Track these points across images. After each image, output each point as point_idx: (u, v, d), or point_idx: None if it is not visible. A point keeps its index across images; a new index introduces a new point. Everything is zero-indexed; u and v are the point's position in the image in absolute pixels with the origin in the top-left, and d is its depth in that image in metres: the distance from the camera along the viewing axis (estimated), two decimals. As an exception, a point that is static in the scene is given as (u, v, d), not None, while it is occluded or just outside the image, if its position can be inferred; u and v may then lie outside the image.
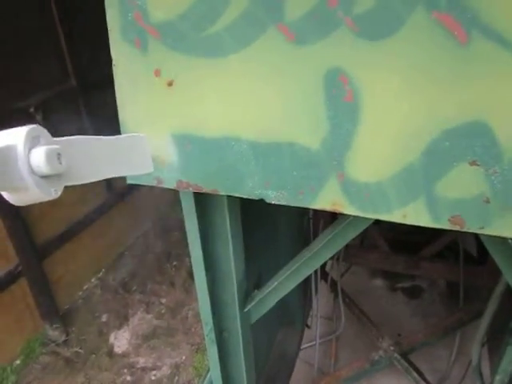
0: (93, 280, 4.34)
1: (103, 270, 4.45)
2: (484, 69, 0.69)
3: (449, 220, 0.79)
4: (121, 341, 3.77)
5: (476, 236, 3.13)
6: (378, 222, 1.08)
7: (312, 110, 0.79)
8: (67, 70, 3.69)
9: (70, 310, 4.05)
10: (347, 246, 3.02)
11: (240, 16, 0.78)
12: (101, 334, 3.85)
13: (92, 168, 0.68)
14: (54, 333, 3.75)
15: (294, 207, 0.92)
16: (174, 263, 4.55)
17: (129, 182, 1.00)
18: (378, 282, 3.85)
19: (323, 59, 0.76)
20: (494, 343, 2.32)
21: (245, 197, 0.92)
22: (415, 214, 0.80)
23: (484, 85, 0.69)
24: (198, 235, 1.21)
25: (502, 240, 1.04)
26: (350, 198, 0.83)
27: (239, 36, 0.79)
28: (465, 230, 0.79)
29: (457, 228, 0.79)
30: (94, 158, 0.69)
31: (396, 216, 0.81)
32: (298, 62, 0.77)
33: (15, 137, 0.54)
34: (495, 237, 0.80)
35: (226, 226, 1.20)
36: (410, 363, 2.47)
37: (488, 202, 0.75)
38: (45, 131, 0.58)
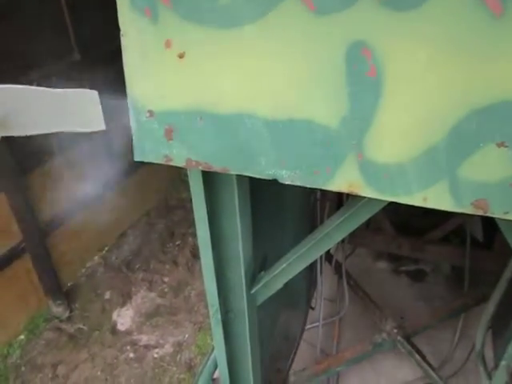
0: (96, 258, 4.35)
1: (106, 247, 4.46)
2: (519, 44, 0.64)
3: (472, 204, 0.75)
4: (124, 318, 3.80)
5: (483, 221, 3.10)
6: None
7: (332, 85, 0.75)
8: (71, 44, 3.61)
9: (74, 286, 4.07)
10: (352, 229, 2.99)
11: (257, -17, 0.73)
12: (104, 312, 3.88)
13: (33, 119, 0.65)
14: (58, 309, 3.78)
15: (302, 188, 0.89)
16: (178, 242, 4.55)
17: (136, 159, 0.96)
18: (382, 265, 3.85)
19: (345, 31, 0.71)
20: (498, 328, 2.31)
21: (257, 176, 0.88)
22: (436, 198, 0.76)
23: (518, 61, 0.65)
24: (205, 215, 1.17)
25: (521, 225, 1.01)
26: (368, 180, 0.80)
27: (256, 4, 0.74)
28: (488, 214, 0.75)
29: (480, 212, 0.75)
30: (36, 110, 0.66)
31: (416, 199, 0.78)
32: (319, 34, 0.73)
33: None
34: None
35: (235, 206, 1.17)
36: (413, 346, 2.47)
37: (515, 186, 0.72)
38: None
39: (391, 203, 0.87)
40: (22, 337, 3.61)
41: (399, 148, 0.76)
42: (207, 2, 0.76)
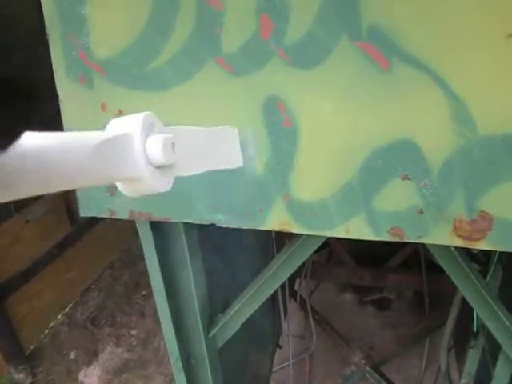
0: (59, 317, 4.20)
1: (70, 305, 4.32)
2: (406, 92, 0.75)
3: (388, 232, 0.83)
4: (91, 378, 3.65)
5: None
6: (339, 238, 1.13)
7: (254, 136, 0.83)
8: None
9: (36, 349, 3.89)
10: (314, 263, 3.06)
11: (179, 51, 0.82)
12: (70, 373, 3.72)
13: (197, 159, 0.63)
14: (20, 375, 3.59)
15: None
16: (143, 293, 4.47)
17: (82, 214, 1.01)
18: (348, 297, 3.90)
19: (260, 88, 0.80)
20: (460, 348, 2.38)
21: (197, 222, 0.94)
22: (357, 229, 0.84)
23: (407, 106, 0.75)
24: (157, 263, 1.22)
25: (446, 248, 1.10)
26: (296, 217, 0.87)
27: (180, 70, 0.83)
28: (404, 240, 0.84)
29: (396, 239, 0.84)
30: (199, 150, 0.64)
31: (339, 232, 0.85)
32: (237, 92, 0.82)
33: (131, 124, 0.49)
34: (436, 245, 0.85)
35: (185, 252, 1.21)
36: (382, 375, 2.51)
37: (422, 212, 0.80)
38: (156, 118, 0.52)
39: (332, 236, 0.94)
40: (-19, 410, 3.41)
41: (319, 187, 0.84)
42: (135, 69, 0.84)
